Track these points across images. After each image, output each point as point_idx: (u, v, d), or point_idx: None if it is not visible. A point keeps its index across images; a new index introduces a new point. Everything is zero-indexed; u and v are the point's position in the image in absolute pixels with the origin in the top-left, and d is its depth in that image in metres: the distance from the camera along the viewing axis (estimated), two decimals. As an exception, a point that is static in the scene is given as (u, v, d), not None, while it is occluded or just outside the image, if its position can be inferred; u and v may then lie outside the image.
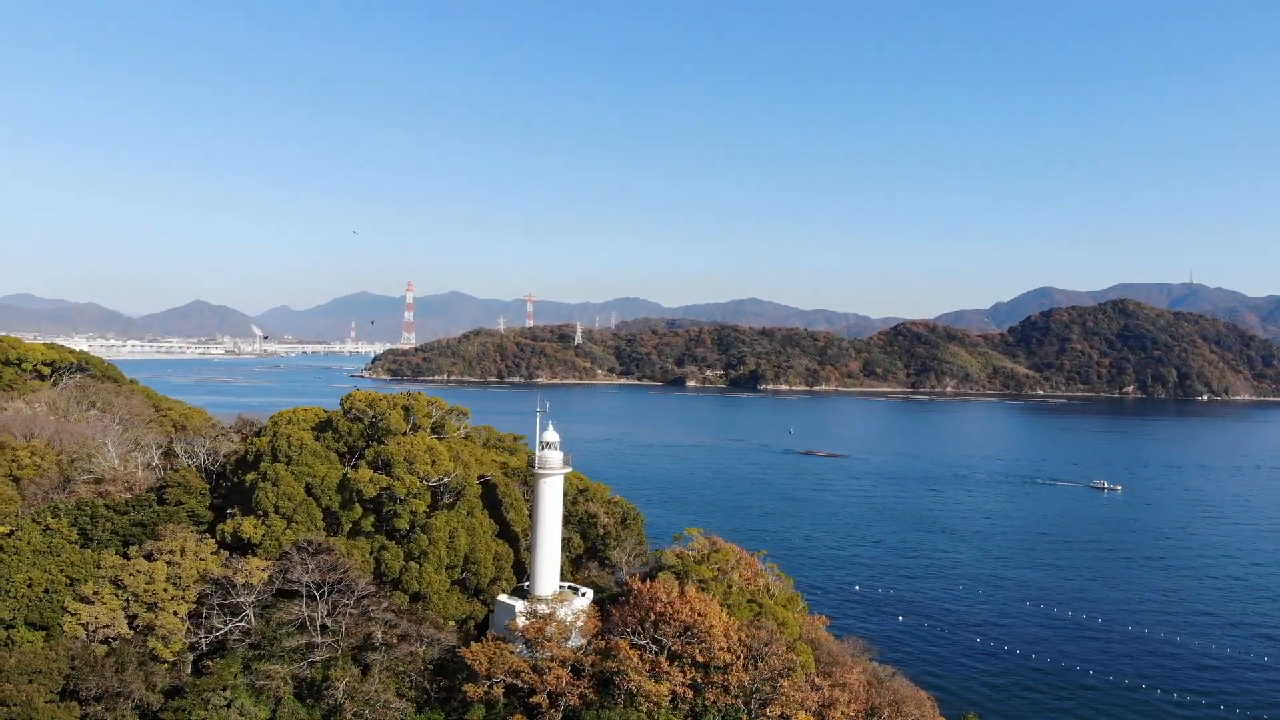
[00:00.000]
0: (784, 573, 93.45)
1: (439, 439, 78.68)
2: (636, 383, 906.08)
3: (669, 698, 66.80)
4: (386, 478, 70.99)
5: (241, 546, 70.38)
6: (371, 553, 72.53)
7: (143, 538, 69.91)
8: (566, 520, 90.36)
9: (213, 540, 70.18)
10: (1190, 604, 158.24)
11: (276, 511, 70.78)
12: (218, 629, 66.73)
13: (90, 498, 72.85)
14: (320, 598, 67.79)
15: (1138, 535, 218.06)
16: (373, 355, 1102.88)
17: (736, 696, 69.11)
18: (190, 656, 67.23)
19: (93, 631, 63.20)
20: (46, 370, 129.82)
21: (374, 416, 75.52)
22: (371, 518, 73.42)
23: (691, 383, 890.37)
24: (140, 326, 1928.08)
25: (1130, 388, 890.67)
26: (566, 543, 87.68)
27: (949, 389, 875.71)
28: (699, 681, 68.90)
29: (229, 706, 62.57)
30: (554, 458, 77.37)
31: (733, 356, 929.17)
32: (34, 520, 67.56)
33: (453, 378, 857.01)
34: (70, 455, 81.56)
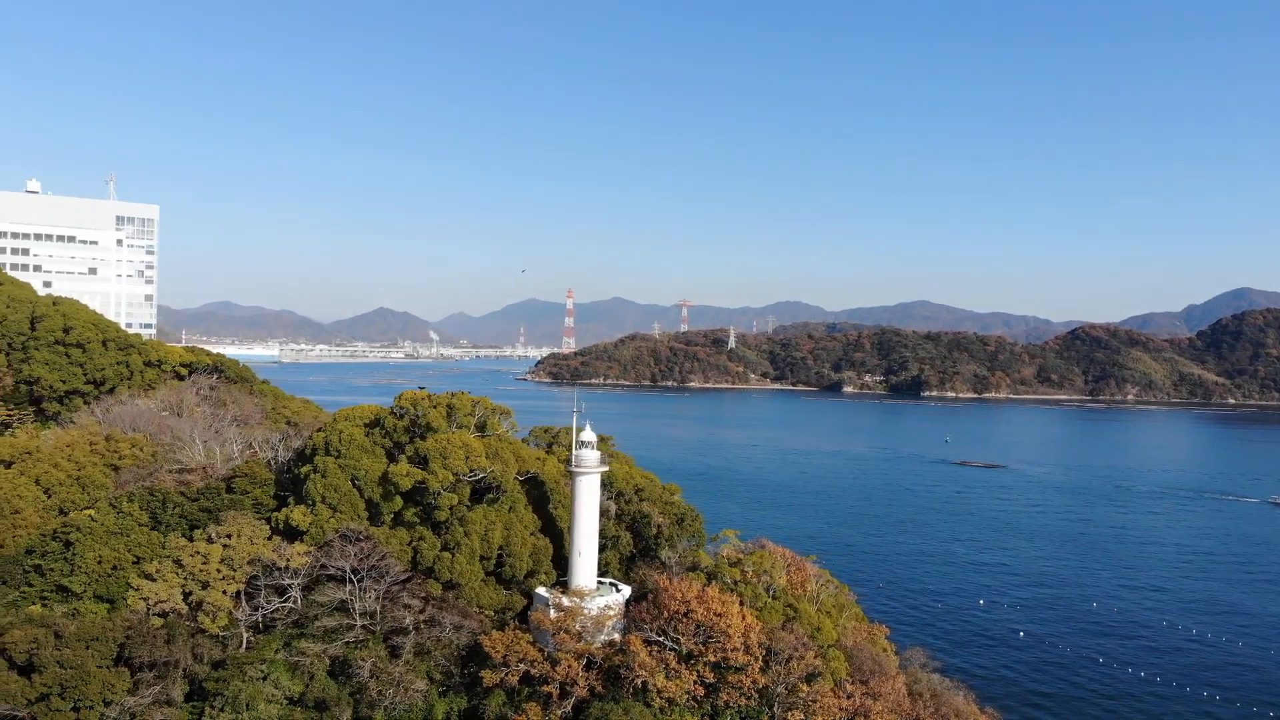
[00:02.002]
0: (839, 579, 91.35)
1: (482, 436, 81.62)
2: (790, 388, 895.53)
3: (678, 695, 66.98)
4: (422, 471, 74.45)
5: (292, 533, 75.45)
6: (410, 542, 76.23)
7: (207, 522, 76.10)
8: (619, 519, 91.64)
9: (267, 526, 75.58)
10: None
11: (323, 501, 75.53)
12: (264, 608, 71.88)
13: (167, 485, 79.96)
14: (356, 583, 71.87)
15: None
16: (537, 359, 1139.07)
17: (751, 698, 68.48)
18: (245, 633, 72.61)
19: (152, 606, 69.45)
20: (185, 371, 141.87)
21: (416, 414, 79.36)
22: (413, 509, 77.12)
23: (849, 388, 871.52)
24: (329, 332, 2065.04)
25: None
26: (615, 541, 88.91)
27: (1130, 397, 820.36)
28: (713, 681, 68.71)
29: (265, 679, 67.39)
30: (589, 456, 78.77)
31: (894, 361, 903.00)
32: (110, 504, 74.96)
33: (608, 381, 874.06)
34: (166, 447, 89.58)
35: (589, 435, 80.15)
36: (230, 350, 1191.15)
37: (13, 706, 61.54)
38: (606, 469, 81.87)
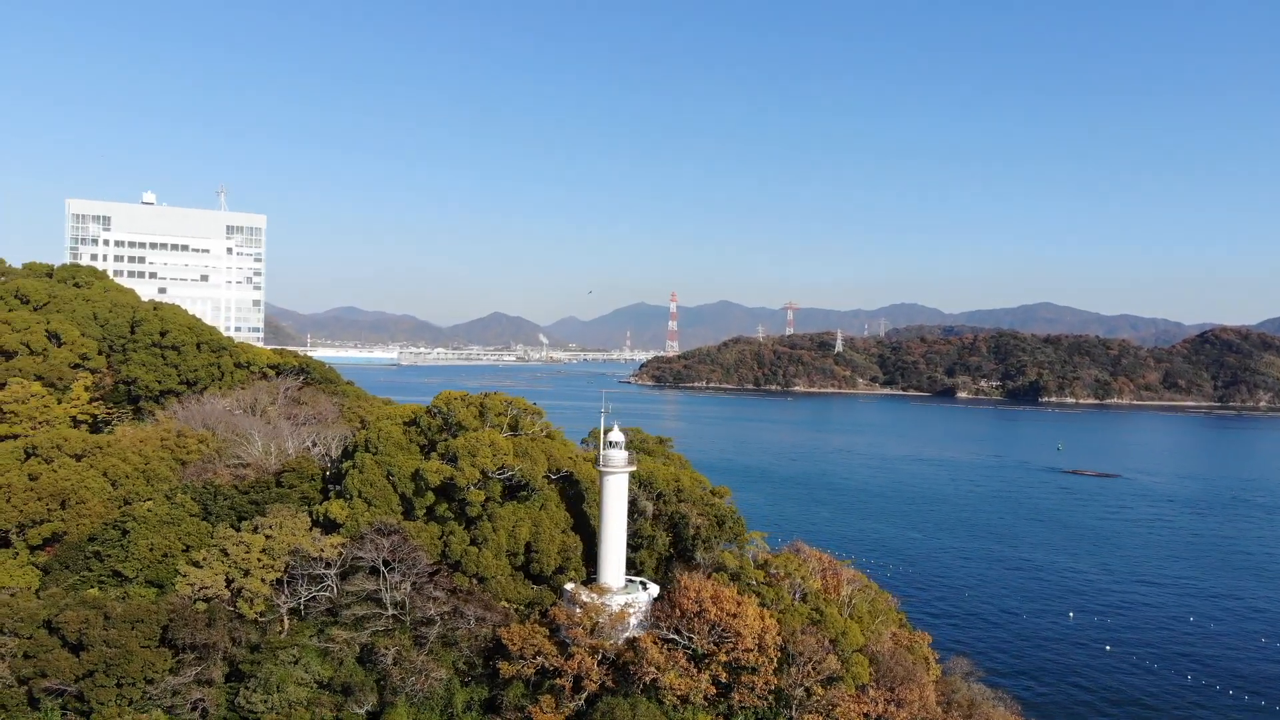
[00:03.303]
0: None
1: (514, 435, 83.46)
2: (900, 393, 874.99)
3: (691, 693, 67.26)
4: (451, 468, 76.72)
5: (331, 525, 78.80)
6: (441, 536, 78.66)
7: (254, 514, 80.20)
8: (657, 519, 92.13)
9: (308, 518, 79.17)
10: None
11: (360, 495, 78.69)
12: (300, 595, 75.30)
13: (223, 479, 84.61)
14: (387, 574, 74.57)
15: None
16: (641, 362, 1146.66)
17: (765, 699, 68.18)
18: (285, 618, 76.21)
19: (197, 591, 73.66)
20: (271, 372, 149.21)
21: (448, 414, 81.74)
22: (445, 504, 79.51)
23: (962, 394, 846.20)
24: (447, 335, 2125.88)
25: None
26: (651, 541, 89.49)
27: (1263, 403, 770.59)
28: (727, 681, 68.71)
29: (296, 663, 70.69)
30: (617, 456, 79.67)
31: (1010, 366, 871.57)
32: (166, 496, 79.83)
33: (710, 384, 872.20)
34: (229, 443, 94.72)
35: (617, 436, 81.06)
36: (352, 354, 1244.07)
37: (62, 681, 66.35)
38: (634, 469, 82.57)
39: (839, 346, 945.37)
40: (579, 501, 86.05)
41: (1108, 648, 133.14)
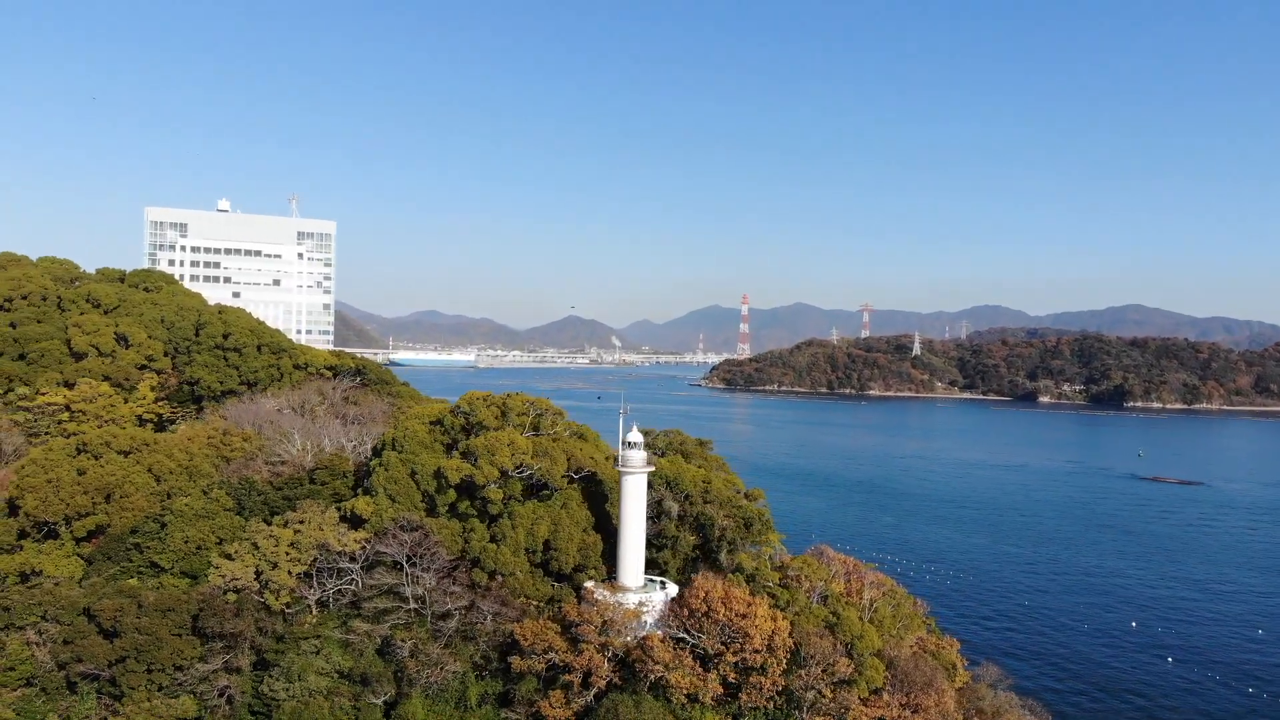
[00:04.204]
0: (905, 588, 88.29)
1: (536, 435, 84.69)
2: (980, 397, 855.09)
3: (700, 692, 67.48)
4: (470, 466, 78.25)
5: (357, 521, 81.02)
6: (462, 533, 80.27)
7: (286, 509, 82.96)
8: (681, 520, 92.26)
9: (336, 514, 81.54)
10: None
11: (384, 492, 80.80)
12: (324, 588, 77.65)
13: (260, 475, 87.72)
14: (409, 568, 76.44)
15: None
16: (713, 365, 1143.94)
17: (773, 700, 68.01)
18: (313, 609, 78.63)
19: (228, 582, 76.49)
20: (329, 374, 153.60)
21: (470, 413, 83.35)
22: (466, 502, 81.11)
23: (1044, 398, 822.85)
24: (523, 338, 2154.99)
25: None
26: (675, 542, 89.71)
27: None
28: (735, 681, 68.69)
29: (317, 654, 72.97)
30: (635, 457, 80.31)
31: (1094, 370, 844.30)
32: (203, 491, 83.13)
33: (782, 388, 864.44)
34: (271, 441, 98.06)
35: (635, 436, 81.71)
36: (431, 356, 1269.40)
37: (96, 666, 69.69)
38: (652, 469, 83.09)
39: (916, 349, 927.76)
40: (602, 501, 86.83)
41: (1169, 660, 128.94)
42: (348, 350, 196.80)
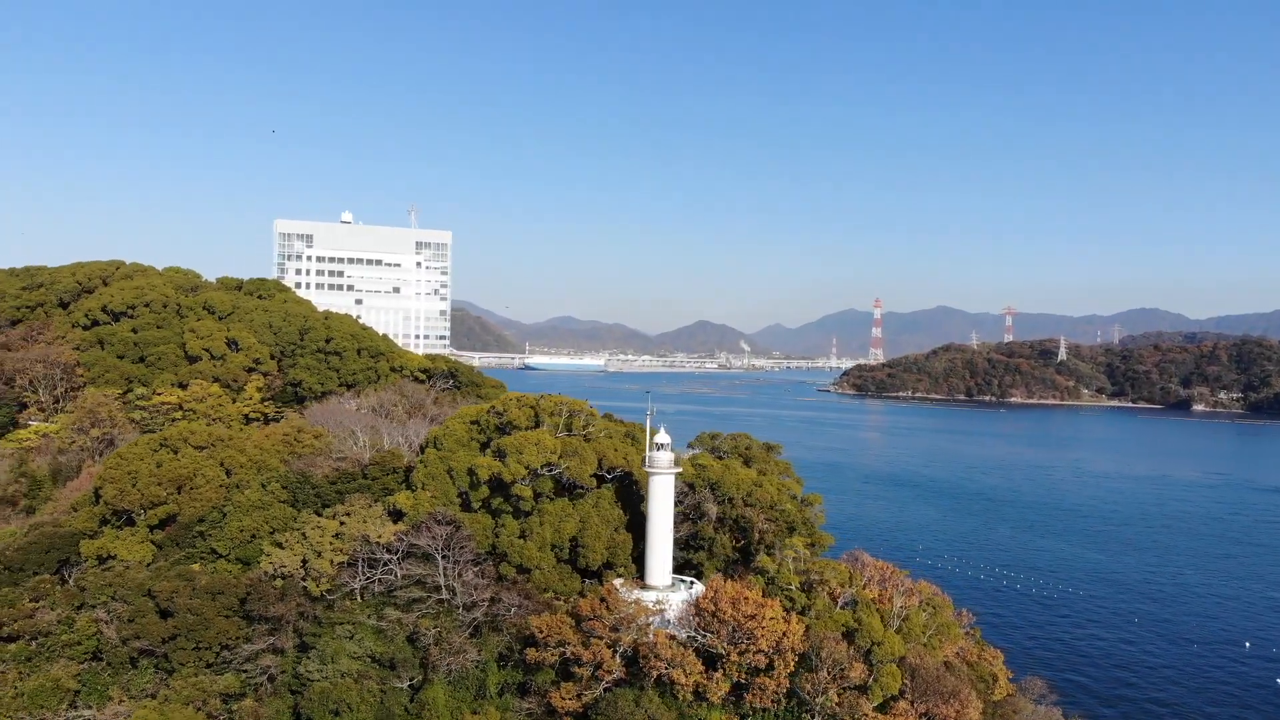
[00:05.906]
0: (948, 597, 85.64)
1: (568, 435, 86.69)
2: (1129, 405, 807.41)
3: (709, 691, 67.89)
4: (499, 464, 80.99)
5: (399, 514, 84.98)
6: (494, 528, 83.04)
7: (336, 502, 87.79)
8: (720, 522, 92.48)
9: (380, 507, 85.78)
10: None
11: (423, 487, 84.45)
12: (363, 576, 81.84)
13: (320, 470, 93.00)
14: (441, 560, 79.74)
15: None
16: (844, 370, 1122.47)
17: (779, 702, 67.73)
18: (356, 596, 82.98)
19: (277, 569, 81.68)
20: (423, 376, 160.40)
21: (503, 413, 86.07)
22: (499, 498, 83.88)
23: (1198, 406, 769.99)
24: (654, 343, 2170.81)
25: None
26: (711, 544, 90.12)
27: None
28: (743, 682, 68.69)
29: (351, 638, 77.00)
30: (662, 458, 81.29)
31: (1254, 376, 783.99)
32: (261, 484, 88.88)
33: (916, 394, 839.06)
34: (339, 439, 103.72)
35: (663, 438, 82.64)
36: (564, 360, 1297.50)
37: (151, 643, 75.78)
38: (679, 470, 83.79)
39: (1062, 354, 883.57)
40: (638, 501, 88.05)
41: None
42: (474, 354, 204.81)
